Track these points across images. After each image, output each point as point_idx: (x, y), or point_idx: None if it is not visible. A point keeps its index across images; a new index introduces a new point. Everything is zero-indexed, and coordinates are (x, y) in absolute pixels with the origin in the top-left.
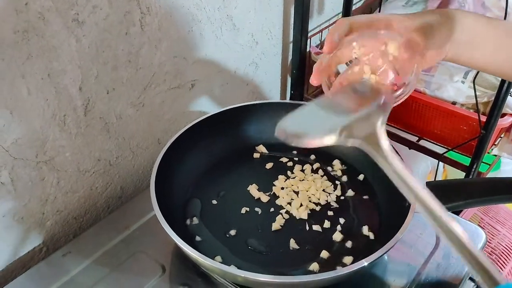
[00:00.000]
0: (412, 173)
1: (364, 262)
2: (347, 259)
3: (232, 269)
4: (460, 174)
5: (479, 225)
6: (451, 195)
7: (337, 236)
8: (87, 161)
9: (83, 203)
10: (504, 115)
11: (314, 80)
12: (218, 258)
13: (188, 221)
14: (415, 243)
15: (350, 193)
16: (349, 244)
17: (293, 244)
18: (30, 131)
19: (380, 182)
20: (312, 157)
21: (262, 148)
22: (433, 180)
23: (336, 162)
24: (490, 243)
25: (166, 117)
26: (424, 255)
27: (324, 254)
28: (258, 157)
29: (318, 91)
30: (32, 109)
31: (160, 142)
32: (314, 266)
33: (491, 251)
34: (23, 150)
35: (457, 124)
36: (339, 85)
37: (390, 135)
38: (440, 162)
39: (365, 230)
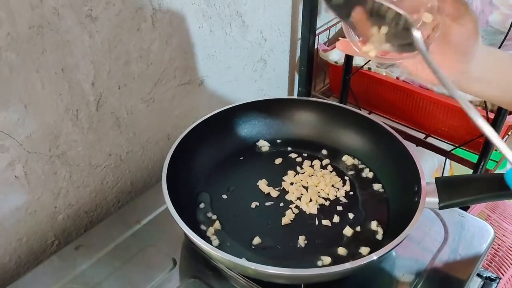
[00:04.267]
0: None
1: (374, 256)
2: (357, 253)
3: (243, 262)
4: (467, 172)
5: (487, 220)
6: (460, 190)
7: (347, 231)
8: (99, 155)
9: (94, 197)
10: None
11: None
12: (229, 250)
13: (198, 215)
14: (423, 239)
15: (359, 188)
16: (358, 238)
17: (303, 238)
18: (44, 125)
19: (389, 178)
20: (323, 150)
21: (265, 144)
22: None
23: (346, 158)
24: (497, 240)
25: (176, 113)
26: (432, 251)
27: (334, 248)
28: (267, 152)
29: (326, 89)
30: (46, 104)
31: (170, 138)
32: (325, 259)
33: (498, 247)
34: (37, 144)
35: (465, 121)
36: None
37: (398, 132)
38: (447, 160)
39: (374, 225)
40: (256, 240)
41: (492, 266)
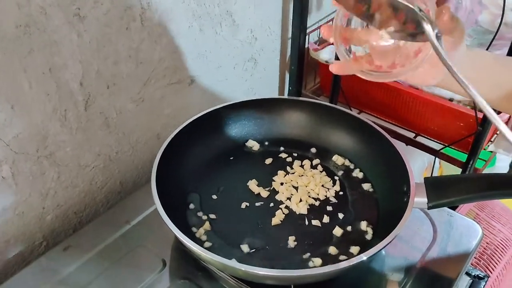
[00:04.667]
0: None
1: (363, 257)
2: (347, 253)
3: (233, 263)
4: (456, 171)
5: (475, 219)
6: (449, 190)
7: (337, 231)
8: (87, 156)
9: (83, 198)
10: (500, 112)
11: (324, 32)
12: (219, 251)
13: (188, 216)
14: (412, 238)
15: (348, 188)
16: (348, 238)
17: (293, 239)
18: (31, 125)
19: (379, 178)
20: (313, 150)
21: (255, 144)
22: (430, 175)
23: (336, 158)
24: (485, 238)
25: (166, 112)
26: (421, 250)
27: (324, 248)
28: (257, 152)
29: (316, 88)
30: (33, 104)
31: (160, 137)
32: (315, 260)
33: (486, 246)
34: (24, 145)
35: (454, 121)
36: None
37: (387, 131)
38: (437, 159)
39: (364, 225)
40: (246, 241)
41: (480, 264)
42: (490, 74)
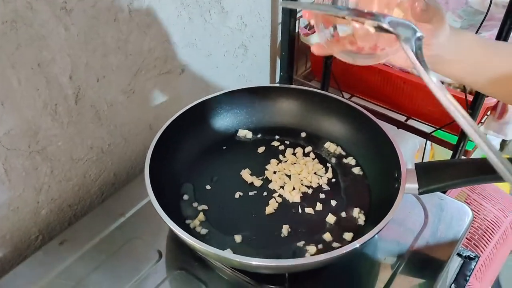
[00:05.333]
0: None
1: (356, 244)
2: (341, 239)
3: (227, 254)
4: (447, 152)
5: (466, 202)
6: (439, 175)
7: (330, 219)
8: (80, 149)
9: (77, 191)
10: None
11: (306, 13)
12: (213, 242)
13: (182, 207)
14: (404, 222)
15: (341, 175)
16: (341, 225)
17: (286, 227)
18: (22, 121)
19: (371, 164)
20: (305, 137)
21: (247, 132)
22: (421, 157)
23: (328, 145)
24: (476, 219)
25: (157, 103)
26: (413, 234)
27: (318, 236)
28: (250, 141)
29: (308, 72)
30: (23, 100)
31: (152, 128)
32: (309, 248)
33: (477, 226)
34: (16, 141)
35: None
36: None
37: (379, 115)
38: (428, 141)
39: (356, 212)
40: (241, 231)
41: (471, 245)
42: (474, 54)
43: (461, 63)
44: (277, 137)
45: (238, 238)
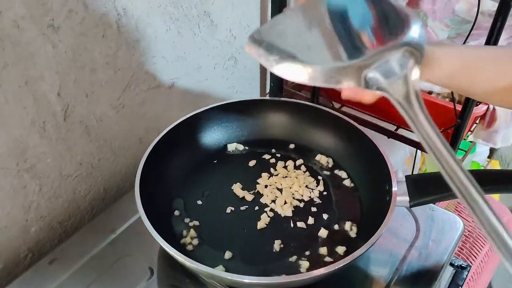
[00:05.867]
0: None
1: (348, 260)
2: (333, 254)
3: (219, 272)
4: None
5: (455, 210)
6: (430, 188)
7: (322, 233)
8: (69, 165)
9: (67, 207)
10: (479, 103)
11: None
12: (205, 258)
13: (173, 223)
14: (396, 233)
15: (332, 188)
16: (333, 239)
17: (278, 242)
18: (10, 139)
19: (362, 177)
20: (296, 150)
21: (238, 146)
22: (412, 164)
23: (319, 157)
24: (466, 227)
25: (147, 117)
26: (405, 244)
27: (310, 250)
28: (241, 154)
29: (298, 84)
30: (11, 118)
31: (142, 142)
32: (302, 263)
33: (468, 234)
34: (3, 159)
35: (434, 113)
36: None
37: (369, 124)
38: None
39: (348, 225)
40: (233, 247)
41: (463, 253)
42: (471, 67)
43: (459, 74)
44: (268, 150)
45: (229, 254)
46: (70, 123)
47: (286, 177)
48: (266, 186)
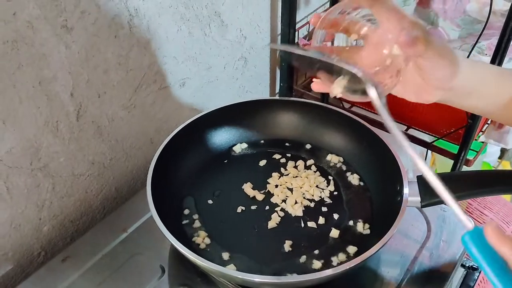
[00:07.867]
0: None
1: (359, 260)
2: (343, 255)
3: (229, 271)
4: (448, 161)
5: (466, 210)
6: None
7: (333, 233)
8: (81, 165)
9: (79, 206)
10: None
11: (312, 19)
12: (216, 257)
13: (184, 222)
14: (407, 233)
15: (343, 188)
16: (344, 239)
17: (289, 242)
18: (24, 139)
19: (373, 176)
20: (307, 150)
21: (248, 146)
22: None
23: (330, 157)
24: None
25: (158, 117)
26: (416, 245)
27: (321, 250)
28: (251, 154)
29: (308, 82)
30: (25, 118)
31: (153, 142)
32: (313, 263)
33: None
34: (18, 159)
35: (445, 114)
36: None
37: (379, 124)
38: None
39: (359, 225)
40: (243, 246)
41: None
42: (493, 85)
43: (481, 94)
44: (278, 150)
45: (240, 253)
46: (82, 123)
47: (296, 177)
48: (276, 186)
